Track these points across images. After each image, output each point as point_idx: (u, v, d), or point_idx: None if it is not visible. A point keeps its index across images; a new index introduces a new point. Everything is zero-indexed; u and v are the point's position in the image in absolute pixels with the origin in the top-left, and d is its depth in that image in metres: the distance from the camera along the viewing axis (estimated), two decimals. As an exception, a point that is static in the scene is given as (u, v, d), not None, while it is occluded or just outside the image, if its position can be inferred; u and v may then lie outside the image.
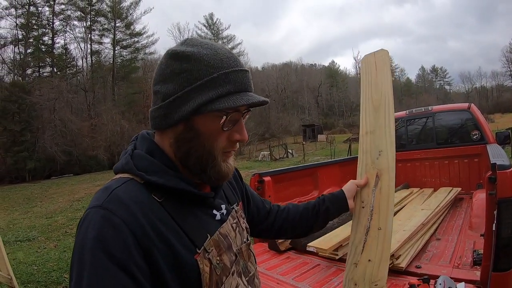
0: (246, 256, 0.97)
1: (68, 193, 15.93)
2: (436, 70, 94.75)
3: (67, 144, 31.80)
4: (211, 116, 0.79)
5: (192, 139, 0.80)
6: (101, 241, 0.67)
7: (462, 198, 4.33)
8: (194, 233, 0.80)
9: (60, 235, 7.92)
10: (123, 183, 0.77)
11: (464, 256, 2.36)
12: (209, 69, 0.77)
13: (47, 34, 38.90)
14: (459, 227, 3.14)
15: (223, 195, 0.99)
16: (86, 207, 0.77)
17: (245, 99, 0.78)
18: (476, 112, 4.73)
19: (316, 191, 4.42)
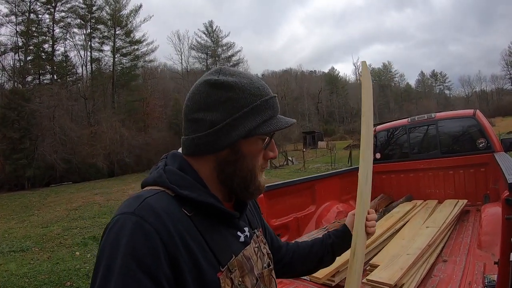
0: (267, 282, 0.96)
1: (66, 202, 15.77)
2: (436, 75, 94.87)
3: (67, 152, 31.59)
4: (255, 139, 0.86)
5: (237, 161, 0.86)
6: (133, 248, 0.67)
7: (468, 211, 4.09)
8: (219, 250, 0.81)
9: (54, 246, 7.78)
10: (156, 193, 0.79)
11: (474, 283, 2.11)
12: (252, 97, 0.84)
13: (47, 42, 38.82)
14: (467, 245, 2.88)
15: (245, 219, 1.01)
16: (83, 217, 0.57)
17: (284, 122, 0.88)
18: (482, 119, 4.49)
19: (313, 206, 4.20)
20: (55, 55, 39.68)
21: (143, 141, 37.61)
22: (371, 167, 1.26)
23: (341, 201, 4.66)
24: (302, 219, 3.98)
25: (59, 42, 39.79)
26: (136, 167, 35.70)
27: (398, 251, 2.58)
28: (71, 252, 7.08)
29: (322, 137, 51.10)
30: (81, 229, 9.31)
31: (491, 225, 2.71)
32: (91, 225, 9.74)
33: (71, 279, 5.44)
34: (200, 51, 59.52)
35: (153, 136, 39.82)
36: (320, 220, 4.10)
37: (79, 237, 8.41)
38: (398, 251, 2.57)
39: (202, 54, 59.53)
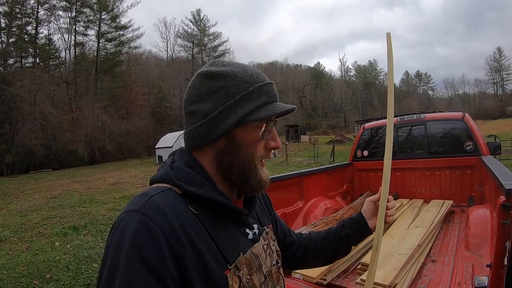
0: (276, 279, 0.95)
1: (45, 190, 15.41)
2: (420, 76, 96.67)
3: (47, 138, 30.98)
4: (251, 127, 0.85)
5: (234, 151, 0.84)
6: (137, 247, 0.67)
7: (453, 212, 4.17)
8: (226, 248, 0.81)
9: (33, 236, 7.53)
10: (162, 191, 0.79)
11: (464, 284, 2.15)
12: (244, 84, 0.83)
13: (30, 24, 37.80)
14: (454, 246, 2.94)
15: (255, 215, 1.00)
16: (63, 205, 0.54)
17: (280, 107, 0.86)
18: (470, 122, 4.57)
19: (301, 202, 4.20)
20: (38, 38, 38.91)
21: (125, 129, 37.26)
22: (391, 153, 1.18)
23: (328, 197, 4.68)
24: (290, 215, 3.97)
25: (43, 24, 38.94)
26: (117, 155, 35.39)
27: (389, 251, 2.60)
28: (51, 243, 6.89)
29: (305, 131, 51.41)
30: (61, 218, 9.07)
31: (479, 228, 2.77)
32: (71, 214, 9.49)
33: (50, 271, 5.29)
34: (186, 39, 58.97)
35: (135, 124, 39.50)
36: (307, 216, 4.10)
37: (59, 226, 8.17)
38: (390, 251, 2.60)
39: (188, 43, 59.04)
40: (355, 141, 5.62)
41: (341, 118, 78.19)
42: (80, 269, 5.24)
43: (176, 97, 49.19)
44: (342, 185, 5.26)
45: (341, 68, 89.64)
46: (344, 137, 39.79)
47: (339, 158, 21.13)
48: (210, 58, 58.23)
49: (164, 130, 38.90)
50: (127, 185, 15.17)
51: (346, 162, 5.63)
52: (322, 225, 3.52)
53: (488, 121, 54.31)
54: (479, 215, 2.96)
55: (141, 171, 20.84)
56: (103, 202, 11.07)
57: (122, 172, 21.32)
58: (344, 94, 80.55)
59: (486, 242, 2.57)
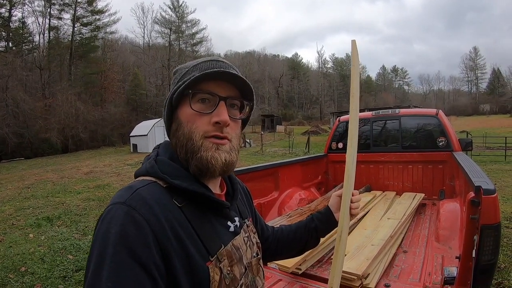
0: (255, 271, 0.98)
1: (17, 179, 14.95)
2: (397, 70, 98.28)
3: (19, 125, 30.07)
4: (185, 102, 0.86)
5: (177, 129, 0.87)
6: (124, 237, 0.68)
7: (425, 204, 4.31)
8: (209, 240, 0.82)
9: (7, 228, 7.28)
10: (147, 184, 0.80)
11: (434, 274, 2.25)
12: (185, 69, 0.89)
13: (3, 6, 36.25)
14: (425, 238, 3.06)
15: (236, 208, 1.02)
16: (36, 195, 0.57)
17: (197, 73, 0.85)
18: (444, 119, 4.72)
19: (276, 192, 4.26)
20: (12, 21, 37.32)
21: (99, 116, 36.59)
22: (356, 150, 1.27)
23: (303, 188, 4.76)
24: (265, 205, 4.02)
25: (16, 7, 37.33)
26: (91, 143, 34.72)
27: (362, 242, 2.69)
28: (25, 234, 6.70)
29: (280, 121, 51.57)
30: (34, 209, 8.81)
31: (448, 221, 2.90)
32: (44, 205, 9.25)
33: (25, 263, 5.14)
34: (164, 25, 58.08)
35: (110, 111, 38.79)
36: (282, 207, 4.16)
37: (32, 217, 7.96)
38: (362, 242, 2.69)
39: (165, 29, 58.10)
40: (330, 134, 5.71)
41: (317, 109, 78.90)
42: (56, 261, 5.13)
43: (151, 84, 48.56)
44: (317, 176, 5.34)
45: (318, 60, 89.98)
46: (319, 128, 40.25)
47: (314, 148, 21.38)
48: (187, 45, 57.63)
49: (139, 118, 38.33)
50: (101, 174, 14.90)
51: (321, 154, 5.71)
52: (296, 216, 3.58)
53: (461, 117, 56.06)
54: (450, 209, 3.09)
55: (116, 160, 20.41)
56: (77, 192, 10.83)
57: (96, 161, 20.86)
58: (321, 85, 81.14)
59: (455, 234, 2.69)
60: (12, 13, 37.14)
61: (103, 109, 38.62)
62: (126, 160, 19.87)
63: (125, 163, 18.50)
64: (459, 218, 2.79)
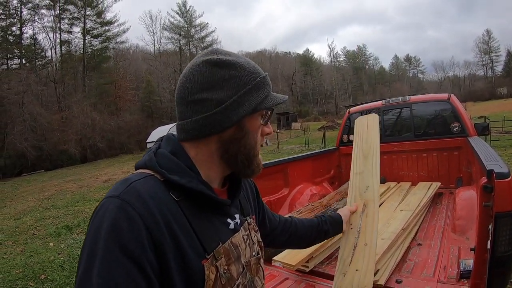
0: (254, 270, 0.96)
1: (38, 191, 15.30)
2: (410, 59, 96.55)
3: (37, 139, 30.66)
4: (256, 115, 0.88)
5: (242, 139, 0.87)
6: (116, 232, 0.67)
7: (441, 193, 4.14)
8: (206, 237, 0.81)
9: (28, 238, 7.50)
10: (143, 177, 0.78)
11: (449, 267, 2.11)
12: (252, 74, 0.87)
13: (14, 24, 37.05)
14: (441, 228, 2.90)
15: (238, 205, 1.00)
16: (56, 205, 0.52)
17: (281, 97, 0.92)
18: (457, 103, 4.51)
19: (286, 189, 4.16)
20: (23, 38, 38.19)
21: (115, 125, 37.07)
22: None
23: (315, 183, 4.64)
24: (275, 203, 3.93)
25: (27, 24, 38.13)
26: (109, 151, 35.16)
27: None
28: (45, 244, 6.88)
29: (296, 119, 51.21)
30: (54, 219, 9.05)
31: (465, 209, 2.73)
32: (64, 214, 9.47)
33: (45, 271, 5.29)
34: (173, 31, 58.48)
35: (126, 119, 39.32)
36: (293, 203, 4.07)
37: (52, 227, 8.17)
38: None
39: (175, 35, 58.57)
40: (341, 126, 5.57)
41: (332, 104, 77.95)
42: (74, 268, 5.24)
43: (165, 90, 48.90)
44: (329, 171, 5.22)
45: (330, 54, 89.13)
46: (335, 123, 39.71)
47: (331, 143, 21.06)
48: (198, 49, 57.84)
49: (155, 124, 38.70)
50: (119, 181, 15.14)
51: (333, 148, 5.59)
52: (307, 212, 3.49)
53: (478, 103, 54.61)
54: (465, 197, 2.92)
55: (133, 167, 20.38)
56: (96, 200, 11.02)
57: (115, 169, 21.20)
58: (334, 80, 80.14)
59: (472, 224, 2.52)
60: (23, 31, 37.92)
61: (118, 118, 39.12)
62: (143, 166, 20.05)
63: None
64: (476, 206, 2.63)
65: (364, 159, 2.07)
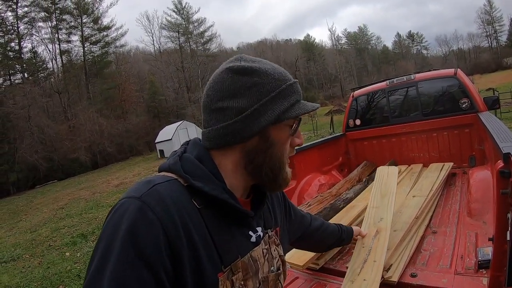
0: (272, 287, 0.91)
1: (52, 202, 15.60)
2: (412, 36, 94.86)
3: (47, 150, 31.16)
4: (283, 125, 0.84)
5: (267, 149, 0.83)
6: (133, 235, 0.66)
7: (455, 173, 3.97)
8: (225, 249, 0.78)
9: (44, 250, 7.69)
10: (167, 181, 0.76)
11: (467, 257, 1.96)
12: (277, 82, 0.83)
13: (13, 40, 37.48)
14: (456, 213, 2.74)
15: (262, 217, 0.96)
16: (70, 214, 0.54)
17: (310, 106, 0.88)
18: (464, 78, 4.32)
19: (294, 181, 4.03)
20: (23, 53, 38.66)
21: (122, 128, 37.49)
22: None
23: (323, 172, 4.51)
24: (282, 197, 3.83)
25: (25, 38, 38.63)
26: (119, 155, 35.58)
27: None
28: (61, 254, 7.05)
29: (303, 105, 51.04)
30: (69, 228, 9.25)
31: (480, 191, 2.58)
32: (79, 223, 9.69)
33: (63, 282, 5.46)
34: (171, 29, 58.09)
35: (133, 122, 39.78)
36: (302, 196, 3.95)
37: (68, 236, 8.36)
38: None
39: (173, 33, 58.14)
40: (346, 111, 5.40)
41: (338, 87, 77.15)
42: (92, 277, 5.34)
43: (169, 88, 49.03)
44: (337, 158, 5.07)
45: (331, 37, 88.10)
46: (342, 106, 39.23)
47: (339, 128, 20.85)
48: (198, 45, 57.68)
49: (162, 124, 38.91)
50: (131, 184, 15.24)
51: (339, 134, 5.45)
52: (316, 204, 3.37)
53: (485, 75, 53.59)
54: (480, 178, 2.77)
55: (144, 168, 21.01)
56: (109, 205, 11.17)
57: (126, 172, 21.47)
58: (338, 63, 79.25)
59: (489, 206, 2.36)
60: (22, 45, 38.32)
61: (125, 121, 39.47)
62: (154, 166, 20.27)
63: (154, 169, 18.93)
64: (491, 186, 2.47)
65: (381, 198, 2.49)
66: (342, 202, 3.31)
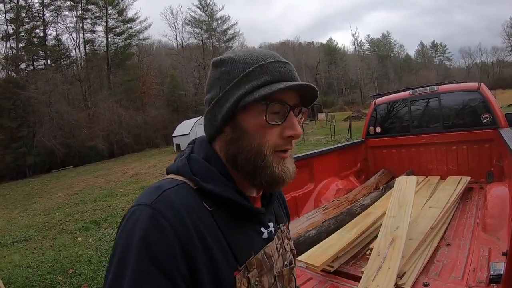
0: (287, 281, 0.90)
1: (67, 187, 15.74)
2: (436, 46, 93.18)
3: (65, 136, 31.47)
4: (254, 110, 0.76)
5: (239, 139, 0.78)
6: (147, 244, 0.65)
7: (471, 188, 3.97)
8: (238, 248, 0.77)
9: (57, 233, 7.75)
10: (176, 185, 0.75)
11: (479, 270, 2.00)
12: (244, 65, 0.77)
13: (38, 27, 38.02)
14: (471, 227, 2.77)
15: (273, 212, 0.95)
16: (84, 200, 0.51)
17: (281, 85, 0.74)
18: (487, 93, 4.31)
19: (312, 184, 4.10)
20: (47, 40, 39.03)
21: (141, 120, 37.61)
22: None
23: (341, 177, 4.56)
24: (300, 198, 3.89)
25: (50, 26, 39.05)
26: (136, 146, 35.75)
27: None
28: (73, 238, 7.09)
29: (321, 109, 50.59)
30: (82, 214, 9.31)
31: (497, 207, 2.60)
32: (92, 209, 9.73)
33: (73, 265, 5.44)
34: (195, 26, 58.10)
35: (151, 114, 39.75)
36: (319, 199, 4.01)
37: (81, 222, 8.41)
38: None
39: (197, 29, 58.10)
40: (367, 118, 5.43)
41: (357, 93, 76.43)
42: (102, 262, 5.38)
43: (189, 84, 49.14)
44: (356, 164, 5.12)
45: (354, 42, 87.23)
46: (361, 113, 38.95)
47: (357, 134, 20.71)
48: (221, 42, 57.87)
49: (180, 118, 38.97)
50: (146, 175, 15.38)
51: (359, 140, 5.47)
52: (333, 208, 3.43)
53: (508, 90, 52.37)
54: (497, 194, 2.79)
55: (160, 161, 20.87)
56: (123, 194, 11.26)
57: (141, 163, 21.48)
58: (359, 69, 78.48)
59: (504, 223, 2.39)
60: (47, 32, 38.86)
61: (144, 113, 39.63)
62: (170, 160, 20.23)
63: (169, 163, 18.60)
64: (508, 204, 2.49)
65: (399, 207, 2.61)
66: (358, 208, 3.36)
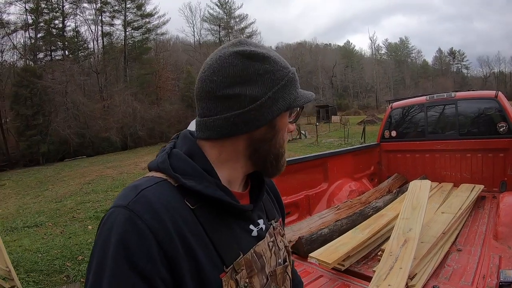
0: (280, 280, 0.87)
1: (79, 176, 15.87)
2: (454, 53, 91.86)
3: (80, 126, 31.84)
4: (286, 112, 0.81)
5: (272, 138, 0.81)
6: (124, 248, 0.62)
7: (484, 197, 3.96)
8: (224, 248, 0.73)
9: (67, 220, 7.86)
10: (155, 183, 0.71)
11: (489, 277, 2.02)
12: (284, 69, 0.80)
13: (57, 18, 38.46)
14: (482, 234, 2.78)
15: (262, 209, 0.92)
16: (96, 190, 0.53)
17: (309, 95, 0.85)
18: (504, 101, 4.27)
19: (325, 184, 4.13)
20: (66, 31, 39.41)
21: (155, 114, 37.72)
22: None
23: (354, 179, 4.58)
24: (313, 197, 3.91)
25: (69, 17, 39.40)
26: (149, 139, 35.91)
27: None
28: (84, 226, 7.18)
29: (335, 112, 50.35)
30: (94, 203, 9.41)
31: (509, 216, 2.61)
32: (104, 199, 9.83)
33: (82, 253, 5.52)
34: (213, 23, 58.57)
35: (166, 109, 39.84)
36: (331, 199, 4.04)
37: (92, 211, 8.50)
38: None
39: (214, 26, 58.57)
40: (383, 122, 5.44)
41: (373, 97, 75.88)
42: (111, 251, 5.48)
43: (205, 81, 49.37)
44: (369, 167, 5.13)
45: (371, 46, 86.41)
46: (375, 117, 38.65)
47: (370, 138, 20.58)
48: (239, 40, 58.02)
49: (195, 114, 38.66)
50: (158, 168, 15.49)
51: (374, 143, 5.48)
52: (345, 208, 3.45)
53: (525, 101, 51.52)
54: (510, 203, 2.79)
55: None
56: (135, 186, 11.36)
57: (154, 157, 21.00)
58: (375, 73, 77.84)
59: None
60: (66, 24, 39.27)
61: (159, 107, 39.77)
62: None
63: None
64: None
65: (412, 210, 2.63)
66: (371, 210, 3.38)
